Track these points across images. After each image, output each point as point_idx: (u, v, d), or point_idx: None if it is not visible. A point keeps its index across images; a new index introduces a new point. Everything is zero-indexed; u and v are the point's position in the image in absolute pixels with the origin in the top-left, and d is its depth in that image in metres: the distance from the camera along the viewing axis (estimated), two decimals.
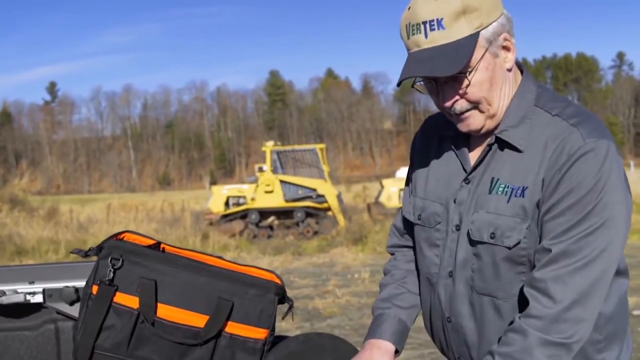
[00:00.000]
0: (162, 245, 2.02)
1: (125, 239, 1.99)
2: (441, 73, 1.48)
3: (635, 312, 7.60)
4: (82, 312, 1.86)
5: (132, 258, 1.86)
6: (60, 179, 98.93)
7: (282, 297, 1.95)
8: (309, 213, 20.64)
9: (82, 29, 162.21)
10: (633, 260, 11.57)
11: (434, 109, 1.71)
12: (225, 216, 20.99)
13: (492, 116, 1.57)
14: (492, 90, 1.54)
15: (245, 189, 21.77)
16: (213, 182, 59.08)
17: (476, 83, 1.52)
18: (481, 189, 1.58)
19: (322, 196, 20.70)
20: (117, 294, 1.84)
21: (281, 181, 21.04)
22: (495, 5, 1.52)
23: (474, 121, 1.57)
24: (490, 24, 1.50)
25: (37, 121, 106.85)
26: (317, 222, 20.53)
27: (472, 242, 1.59)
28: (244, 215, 20.88)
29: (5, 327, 2.38)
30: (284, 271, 12.11)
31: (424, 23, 1.48)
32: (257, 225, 20.71)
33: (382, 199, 21.18)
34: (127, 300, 1.84)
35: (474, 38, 1.48)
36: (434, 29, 1.47)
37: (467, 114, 1.56)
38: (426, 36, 1.49)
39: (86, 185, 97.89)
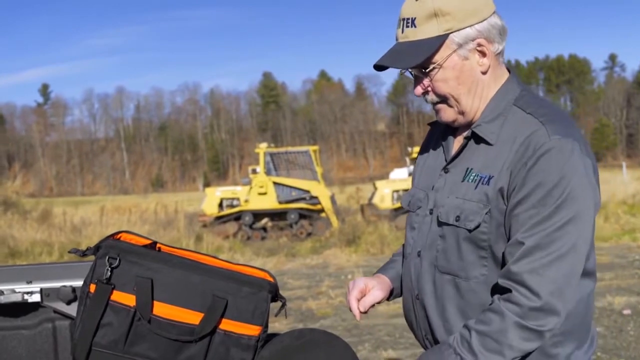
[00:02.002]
0: (158, 245, 2.07)
1: (122, 238, 2.03)
2: (398, 65, 1.67)
3: (625, 312, 7.68)
4: (79, 310, 1.91)
5: (129, 257, 1.91)
6: (53, 181, 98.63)
7: (275, 295, 2.00)
8: (303, 215, 20.69)
9: (75, 30, 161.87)
10: (623, 261, 11.67)
11: (427, 111, 1.84)
12: (218, 218, 21.01)
13: (462, 112, 1.73)
14: (458, 88, 1.69)
15: (239, 191, 21.78)
16: (207, 184, 59.06)
17: (441, 79, 1.68)
18: (456, 177, 1.73)
19: (316, 198, 20.75)
20: (114, 292, 1.89)
21: (274, 183, 21.08)
22: (472, 13, 1.64)
23: (444, 114, 1.75)
24: (463, 28, 1.64)
25: (29, 123, 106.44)
26: (310, 224, 20.57)
27: (440, 224, 1.73)
28: (237, 217, 20.90)
29: (3, 326, 2.41)
30: (277, 272, 12.14)
31: (403, 20, 1.68)
32: (250, 227, 20.74)
33: (375, 200, 21.22)
34: (124, 298, 1.89)
35: (441, 39, 1.64)
36: (408, 26, 1.67)
37: (438, 106, 1.74)
38: (402, 31, 1.69)
39: (79, 187, 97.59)
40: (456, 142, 1.80)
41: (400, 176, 22.48)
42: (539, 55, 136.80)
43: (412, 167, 22.28)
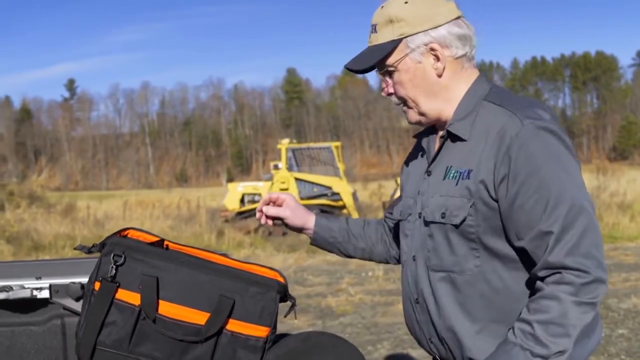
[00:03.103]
0: (165, 243, 2.04)
1: (129, 235, 2.00)
2: (356, 67, 1.81)
3: None
4: (84, 308, 1.88)
5: (134, 255, 1.88)
6: (78, 176, 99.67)
7: (284, 295, 1.95)
8: (324, 211, 20.59)
9: (101, 26, 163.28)
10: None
11: None
12: (240, 213, 21.01)
13: (422, 114, 1.82)
14: (414, 91, 1.79)
15: (261, 187, 21.78)
16: (230, 180, 59.28)
17: (397, 82, 1.80)
18: (438, 177, 1.79)
19: (337, 194, 20.67)
20: (119, 290, 1.85)
21: (296, 179, 21.04)
22: (426, 20, 1.75)
23: (408, 115, 1.85)
24: (415, 34, 1.75)
25: (56, 118, 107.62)
26: None
27: (427, 223, 1.79)
28: None
29: (12, 322, 2.41)
30: (298, 269, 12.13)
31: (371, 25, 1.82)
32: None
33: (397, 197, 21.10)
34: (129, 296, 1.85)
35: (394, 43, 1.76)
36: (372, 32, 1.81)
37: (403, 108, 1.86)
38: (369, 37, 1.83)
39: (104, 181, 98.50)
40: (435, 145, 1.87)
41: None
42: (565, 51, 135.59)
43: None
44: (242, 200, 21.67)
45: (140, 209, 21.76)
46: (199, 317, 1.85)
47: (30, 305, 2.39)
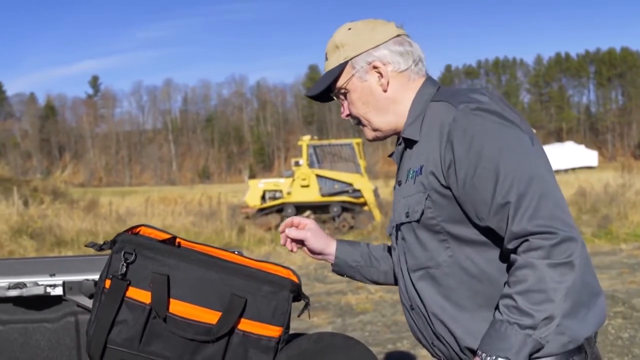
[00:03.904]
0: (177, 240, 2.01)
1: (141, 233, 1.98)
2: (310, 93, 1.92)
3: None
4: (95, 306, 1.86)
5: (145, 252, 1.85)
6: (102, 172, 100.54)
7: (298, 295, 1.92)
8: (345, 208, 20.57)
9: (124, 23, 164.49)
10: None
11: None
12: (261, 210, 21.02)
13: (376, 129, 1.90)
14: (364, 108, 1.87)
15: (282, 183, 21.77)
16: (252, 176, 59.46)
17: (350, 102, 1.90)
18: (404, 183, 1.84)
19: (359, 191, 20.59)
20: (130, 288, 1.83)
21: (317, 175, 20.99)
22: (366, 41, 1.84)
23: (365, 133, 1.94)
24: (359, 55, 1.84)
25: (80, 114, 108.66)
26: (353, 217, 20.43)
27: (398, 227, 1.85)
28: (280, 209, 20.88)
29: (26, 318, 2.40)
30: (318, 266, 12.10)
31: (325, 55, 1.93)
32: None
33: None
34: (140, 295, 1.83)
35: (341, 66, 1.86)
36: (325, 60, 1.92)
37: (360, 127, 1.95)
38: (324, 66, 1.93)
39: (127, 178, 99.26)
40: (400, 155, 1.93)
41: None
42: (589, 47, 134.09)
43: None
44: (263, 197, 21.67)
45: (162, 205, 21.86)
46: (210, 316, 1.82)
47: (44, 302, 2.38)
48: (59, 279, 2.33)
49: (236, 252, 2.03)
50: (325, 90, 1.90)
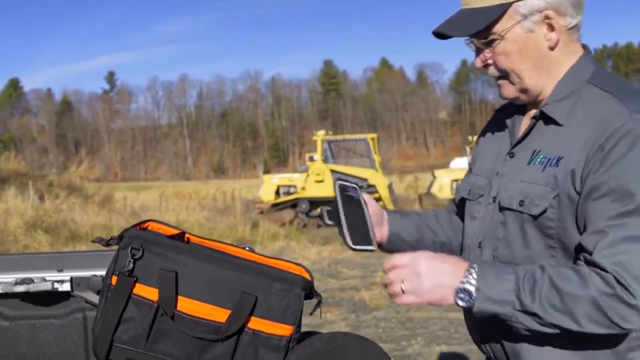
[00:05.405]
0: (186, 236, 1.96)
1: (149, 228, 1.93)
2: (454, 33, 1.57)
3: None
4: (101, 302, 1.81)
5: (152, 248, 1.79)
6: (117, 167, 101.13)
7: (310, 292, 1.85)
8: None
9: (140, 19, 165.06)
10: None
11: (490, 99, 1.71)
12: (275, 205, 21.03)
13: (524, 90, 1.60)
14: (521, 63, 1.56)
15: (296, 178, 21.77)
16: (267, 171, 59.48)
17: (502, 52, 1.56)
18: (522, 161, 1.59)
19: (373, 186, 20.53)
20: (137, 285, 1.77)
21: (332, 171, 20.95)
22: None
23: (505, 90, 1.63)
24: None
25: (96, 110, 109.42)
26: None
27: (502, 209, 1.60)
28: (294, 204, 20.87)
29: (33, 315, 2.36)
30: (332, 261, 12.06)
31: None
32: (307, 214, 20.66)
33: (434, 189, 20.92)
34: (147, 292, 1.77)
35: (502, 7, 1.52)
36: None
37: (499, 82, 1.63)
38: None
39: (143, 173, 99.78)
40: (523, 125, 1.66)
41: (461, 165, 22.10)
42: (607, 42, 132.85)
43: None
44: (277, 192, 21.69)
45: (177, 200, 21.92)
46: (219, 315, 1.76)
47: (51, 298, 2.34)
48: (66, 275, 2.29)
49: (247, 248, 1.97)
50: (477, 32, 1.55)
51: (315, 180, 20.86)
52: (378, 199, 20.38)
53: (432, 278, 1.46)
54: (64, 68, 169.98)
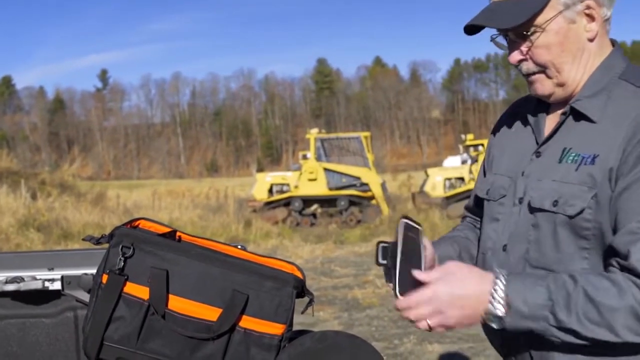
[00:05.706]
0: (178, 234, 1.95)
1: (139, 226, 1.92)
2: (497, 25, 1.51)
3: None
4: (91, 301, 1.80)
5: (143, 246, 1.78)
6: (110, 165, 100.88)
7: (302, 291, 1.85)
8: (353, 201, 20.52)
9: (133, 17, 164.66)
10: None
11: (482, 98, 1.65)
12: (268, 203, 20.99)
13: (561, 84, 1.53)
14: (562, 56, 1.51)
15: (289, 177, 21.73)
16: (260, 170, 59.45)
17: (543, 45, 1.50)
18: (551, 159, 1.53)
19: (366, 185, 20.55)
20: (127, 283, 1.77)
21: (325, 169, 20.94)
22: None
23: (541, 86, 1.55)
24: None
25: (88, 108, 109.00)
26: (360, 211, 20.38)
27: (532, 210, 1.53)
28: (287, 202, 20.85)
29: (23, 313, 2.35)
30: (325, 260, 12.06)
31: None
32: (300, 213, 20.66)
33: (427, 188, 20.91)
34: (138, 290, 1.76)
35: None
36: None
37: (534, 77, 1.55)
38: None
39: (135, 171, 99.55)
40: (548, 122, 1.61)
41: (454, 164, 22.09)
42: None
43: (465, 155, 21.98)
44: (270, 191, 21.66)
45: (170, 199, 21.90)
46: (210, 313, 1.76)
47: (42, 296, 2.32)
48: (57, 273, 2.28)
49: (239, 247, 1.96)
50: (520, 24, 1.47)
51: (308, 178, 20.84)
52: (371, 197, 20.42)
53: (456, 312, 1.40)
54: (57, 66, 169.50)
